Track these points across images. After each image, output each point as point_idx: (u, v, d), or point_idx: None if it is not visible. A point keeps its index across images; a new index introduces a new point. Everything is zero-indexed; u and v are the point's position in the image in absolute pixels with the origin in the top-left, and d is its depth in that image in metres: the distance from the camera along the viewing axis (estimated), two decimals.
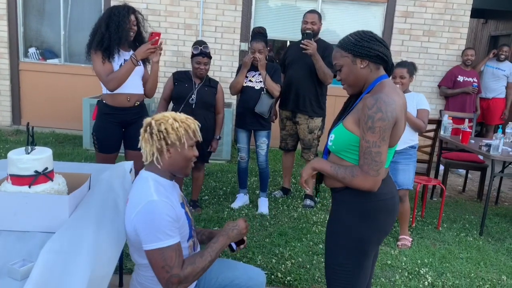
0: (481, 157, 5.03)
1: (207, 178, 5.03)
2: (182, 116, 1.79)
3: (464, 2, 6.42)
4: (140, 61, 3.27)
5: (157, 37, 3.17)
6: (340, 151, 1.81)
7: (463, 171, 5.96)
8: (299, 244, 3.52)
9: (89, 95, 6.02)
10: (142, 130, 1.77)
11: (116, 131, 3.32)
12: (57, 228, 1.69)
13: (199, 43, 3.76)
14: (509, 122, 4.93)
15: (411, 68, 3.59)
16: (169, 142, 1.73)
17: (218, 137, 3.99)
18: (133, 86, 3.27)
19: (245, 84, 4.03)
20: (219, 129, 4.00)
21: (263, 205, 4.21)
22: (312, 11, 4.31)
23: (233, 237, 1.86)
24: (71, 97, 6.73)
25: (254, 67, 4.01)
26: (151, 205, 1.64)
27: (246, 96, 4.03)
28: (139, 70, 3.30)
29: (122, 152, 3.46)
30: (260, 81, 4.00)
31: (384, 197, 1.81)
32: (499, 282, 3.18)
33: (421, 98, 3.61)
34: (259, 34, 4.07)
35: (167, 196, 1.70)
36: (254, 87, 4.01)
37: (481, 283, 3.15)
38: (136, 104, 3.33)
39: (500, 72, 6.41)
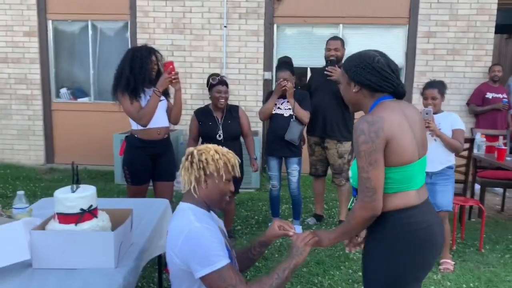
0: None
1: (238, 207, 5.01)
2: (224, 149, 1.83)
3: (487, 19, 6.37)
4: (162, 95, 3.39)
5: (170, 66, 3.28)
6: None
7: (499, 190, 5.78)
8: (338, 273, 3.44)
9: (119, 131, 6.15)
10: (183, 159, 1.82)
11: (147, 162, 3.43)
12: (103, 264, 1.72)
13: (215, 74, 3.85)
14: None
15: (441, 87, 3.55)
16: (207, 172, 1.76)
17: (255, 157, 4.04)
18: (161, 120, 3.42)
19: (274, 112, 4.06)
20: (252, 149, 4.02)
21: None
22: (335, 38, 4.36)
23: (301, 261, 1.76)
24: (102, 133, 6.88)
25: (282, 95, 4.05)
26: (194, 231, 1.64)
27: (276, 124, 4.05)
28: (163, 104, 3.45)
29: (150, 185, 3.53)
30: (289, 108, 4.02)
31: (416, 227, 1.65)
32: None
33: (455, 118, 3.55)
34: (285, 63, 4.12)
35: (207, 222, 1.71)
36: (283, 114, 4.03)
37: None
38: (165, 136, 3.49)
39: None
